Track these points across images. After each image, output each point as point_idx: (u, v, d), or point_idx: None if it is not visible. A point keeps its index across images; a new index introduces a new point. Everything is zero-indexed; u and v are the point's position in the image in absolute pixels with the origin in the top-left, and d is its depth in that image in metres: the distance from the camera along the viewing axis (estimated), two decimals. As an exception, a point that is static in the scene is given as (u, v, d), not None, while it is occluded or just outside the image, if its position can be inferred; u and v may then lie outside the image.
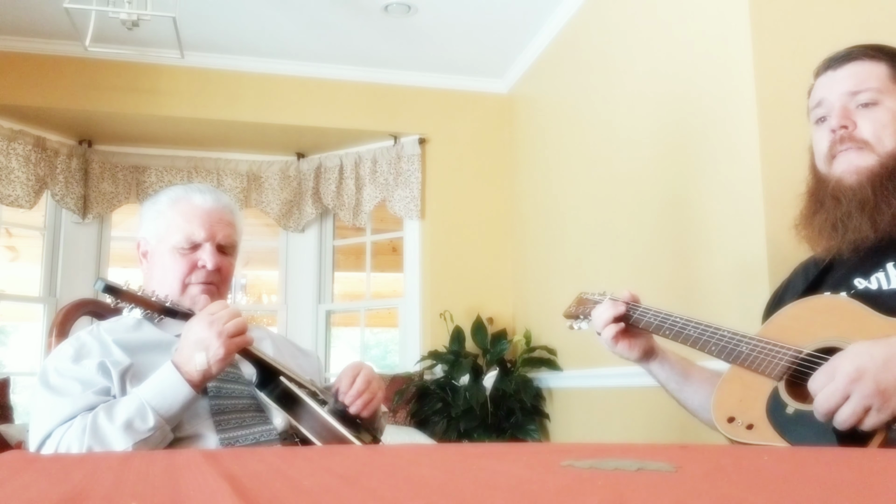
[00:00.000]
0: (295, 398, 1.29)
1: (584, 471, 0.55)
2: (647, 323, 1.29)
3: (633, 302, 1.34)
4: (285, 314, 4.28)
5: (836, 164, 1.21)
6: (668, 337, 1.26)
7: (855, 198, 1.17)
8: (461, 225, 3.99)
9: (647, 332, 1.32)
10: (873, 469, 0.60)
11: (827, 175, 1.24)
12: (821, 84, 1.27)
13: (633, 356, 1.33)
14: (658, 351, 1.35)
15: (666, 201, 2.48)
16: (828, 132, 1.22)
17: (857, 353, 0.95)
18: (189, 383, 1.20)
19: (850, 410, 0.92)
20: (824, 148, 1.23)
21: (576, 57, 3.26)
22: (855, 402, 0.92)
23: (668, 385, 1.36)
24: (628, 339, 1.32)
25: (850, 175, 1.19)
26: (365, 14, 3.44)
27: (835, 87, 1.23)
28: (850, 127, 1.19)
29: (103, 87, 3.72)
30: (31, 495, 0.47)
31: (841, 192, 1.19)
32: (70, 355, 1.29)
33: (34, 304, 3.94)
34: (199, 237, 1.42)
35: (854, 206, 1.17)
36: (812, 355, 1.05)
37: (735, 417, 1.09)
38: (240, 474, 0.55)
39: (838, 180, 1.20)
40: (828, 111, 1.23)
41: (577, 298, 1.49)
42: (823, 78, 1.26)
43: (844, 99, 1.21)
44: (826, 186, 1.23)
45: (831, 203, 1.21)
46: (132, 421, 1.16)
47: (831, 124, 1.21)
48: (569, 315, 1.48)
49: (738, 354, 1.14)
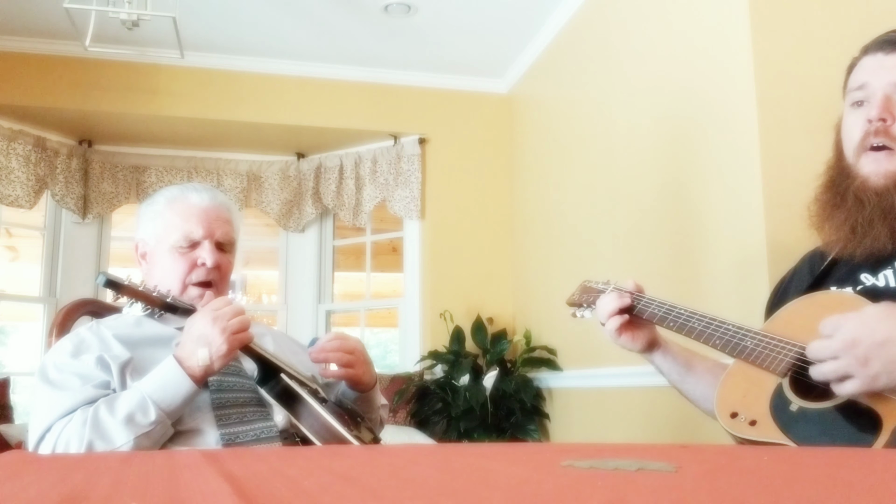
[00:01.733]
0: (295, 395, 1.29)
1: (584, 471, 0.55)
2: (652, 314, 1.28)
3: (637, 292, 1.33)
4: (285, 314, 4.28)
5: (864, 159, 1.17)
6: (672, 329, 1.24)
7: (879, 204, 1.14)
8: (461, 225, 3.99)
9: (650, 323, 1.31)
10: (874, 469, 0.60)
11: (853, 167, 1.19)
12: (867, 66, 1.19)
13: (637, 347, 1.32)
14: (661, 342, 1.34)
15: (666, 200, 2.48)
16: (863, 120, 1.16)
17: (863, 321, 0.96)
18: (191, 378, 1.20)
19: (833, 368, 0.96)
20: (856, 136, 1.18)
21: (576, 57, 3.26)
22: (839, 365, 0.95)
23: (671, 376, 1.35)
24: (632, 331, 1.31)
25: (878, 178, 1.15)
26: (365, 14, 3.44)
27: (882, 73, 1.16)
28: (888, 121, 1.14)
29: (103, 87, 3.72)
30: (31, 495, 0.47)
31: (865, 195, 1.16)
32: (69, 350, 1.29)
33: (34, 304, 3.94)
34: (198, 235, 1.42)
35: (877, 214, 1.14)
36: None
37: (738, 413, 1.08)
38: (240, 474, 0.55)
39: (864, 180, 1.17)
40: (868, 97, 1.17)
41: (581, 286, 1.47)
42: (871, 59, 1.19)
43: (890, 89, 1.15)
44: (850, 181, 1.19)
45: (854, 203, 1.17)
46: (134, 414, 1.16)
47: (870, 113, 1.15)
48: (572, 303, 1.45)
49: (742, 349, 1.12)
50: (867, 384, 0.94)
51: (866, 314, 0.97)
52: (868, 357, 0.93)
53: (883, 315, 0.96)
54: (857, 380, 0.94)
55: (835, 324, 0.98)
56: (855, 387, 0.94)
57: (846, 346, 0.94)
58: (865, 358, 0.93)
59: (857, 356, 0.93)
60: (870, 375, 0.93)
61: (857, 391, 0.95)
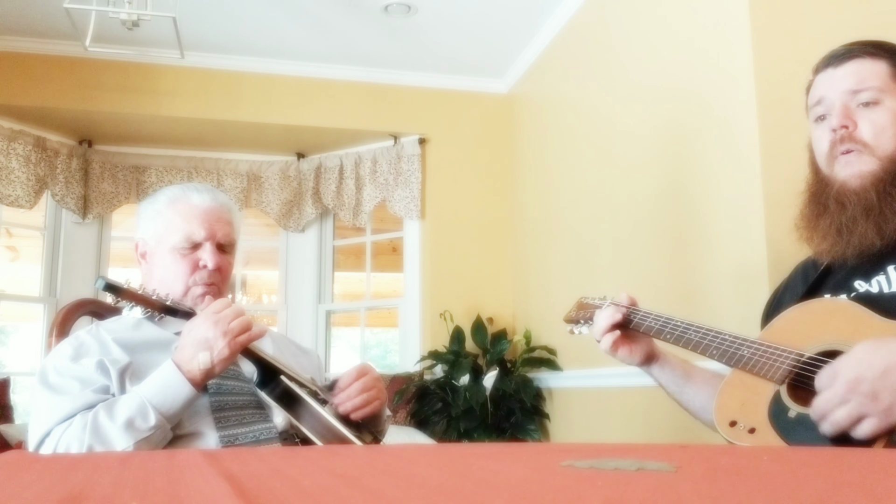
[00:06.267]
0: (296, 397, 1.29)
1: (584, 471, 0.55)
2: (648, 327, 1.29)
3: (631, 306, 1.34)
4: (285, 314, 4.28)
5: (837, 166, 1.20)
6: (669, 341, 1.25)
7: (860, 203, 1.16)
8: (461, 225, 3.99)
9: (647, 336, 1.32)
10: (874, 469, 0.60)
11: (829, 176, 1.22)
12: (821, 81, 1.25)
13: (634, 361, 1.33)
14: (658, 354, 1.35)
15: (666, 200, 2.48)
16: (828, 131, 1.20)
17: (859, 359, 0.95)
18: (190, 382, 1.20)
19: (845, 414, 0.93)
20: (825, 147, 1.22)
21: (576, 57, 3.26)
22: (850, 408, 0.93)
23: (669, 388, 1.36)
24: (629, 345, 1.32)
25: (854, 179, 1.17)
26: (365, 14, 3.44)
27: (835, 84, 1.21)
28: (850, 127, 1.18)
29: (103, 87, 3.72)
30: (30, 495, 0.47)
31: (845, 197, 1.18)
32: (69, 354, 1.29)
33: (34, 305, 3.94)
34: (199, 237, 1.42)
35: (859, 212, 1.16)
36: (813, 359, 1.04)
37: (737, 421, 1.08)
38: (240, 474, 0.55)
39: (842, 184, 1.19)
40: (828, 109, 1.22)
41: (578, 303, 1.48)
42: (823, 75, 1.24)
43: (845, 97, 1.19)
44: (829, 189, 1.21)
45: (836, 207, 1.19)
46: (133, 419, 1.16)
47: (832, 123, 1.19)
48: (569, 320, 1.47)
49: (739, 358, 1.13)
50: (884, 420, 0.91)
51: (857, 352, 0.96)
52: (875, 391, 0.91)
53: (873, 348, 0.95)
54: (872, 418, 0.92)
55: (831, 373, 0.96)
56: (873, 426, 0.92)
57: (850, 388, 0.93)
58: (873, 393, 0.91)
59: (864, 393, 0.92)
60: (883, 410, 0.91)
61: (876, 430, 0.92)
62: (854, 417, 0.93)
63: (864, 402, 0.92)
